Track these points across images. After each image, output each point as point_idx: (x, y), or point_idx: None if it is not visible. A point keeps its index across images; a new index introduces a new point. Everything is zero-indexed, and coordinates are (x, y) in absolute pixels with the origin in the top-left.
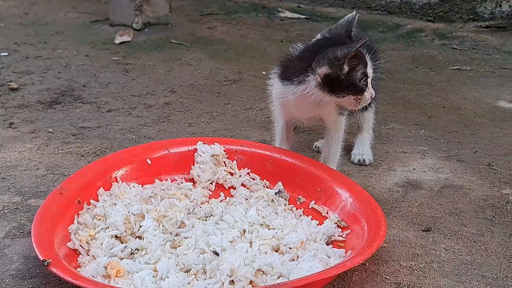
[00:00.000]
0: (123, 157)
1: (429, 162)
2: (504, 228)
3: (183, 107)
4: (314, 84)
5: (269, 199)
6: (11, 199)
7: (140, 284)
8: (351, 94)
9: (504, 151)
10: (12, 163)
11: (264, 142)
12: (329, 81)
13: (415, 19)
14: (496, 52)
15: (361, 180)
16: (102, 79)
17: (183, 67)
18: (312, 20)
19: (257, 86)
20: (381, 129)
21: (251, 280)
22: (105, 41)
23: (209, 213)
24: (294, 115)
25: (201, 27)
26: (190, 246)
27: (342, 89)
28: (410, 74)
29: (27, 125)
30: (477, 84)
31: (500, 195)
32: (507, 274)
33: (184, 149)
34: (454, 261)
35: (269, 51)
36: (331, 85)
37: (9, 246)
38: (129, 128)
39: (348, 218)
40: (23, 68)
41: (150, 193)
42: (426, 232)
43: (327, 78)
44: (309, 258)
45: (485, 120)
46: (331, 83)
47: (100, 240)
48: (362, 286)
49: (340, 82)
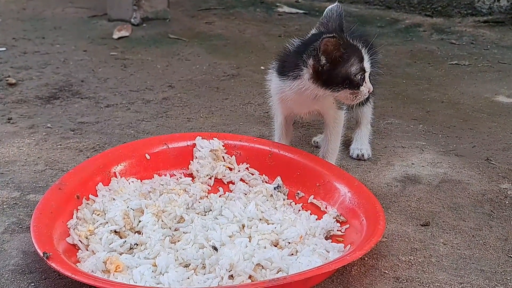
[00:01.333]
0: (122, 152)
1: (427, 157)
2: (502, 222)
3: (181, 102)
4: (308, 77)
5: (268, 194)
6: (10, 194)
7: (139, 279)
8: (347, 88)
9: (502, 145)
10: (10, 158)
11: (263, 137)
12: (318, 73)
13: (413, 13)
14: (495, 47)
15: (360, 175)
16: (101, 74)
17: (181, 62)
18: (310, 15)
19: (256, 81)
20: (379, 124)
21: (250, 275)
22: (103, 36)
23: (208, 208)
24: (293, 110)
25: (199, 22)
26: (189, 241)
27: (336, 83)
28: (408, 69)
29: (26, 120)
30: (475, 79)
31: (498, 189)
32: (506, 268)
33: (183, 144)
34: (453, 256)
35: (267, 46)
36: (322, 78)
37: (8, 241)
38: (128, 123)
39: (347, 213)
40: (21, 64)
41: (149, 188)
42: (424, 226)
43: (315, 70)
44: (308, 253)
45: (483, 115)
46: (321, 76)
47: (99, 235)
48: (361, 280)
49: (331, 76)
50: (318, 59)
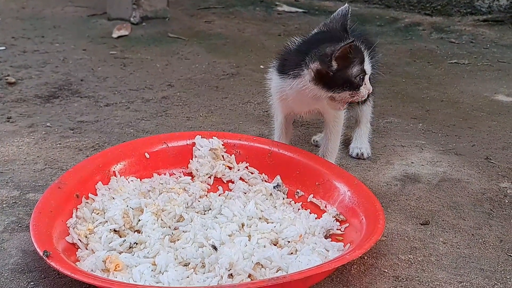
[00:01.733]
0: (121, 151)
1: (427, 156)
2: (502, 221)
3: (181, 101)
4: (308, 78)
5: (267, 193)
6: (9, 193)
7: (139, 278)
8: (347, 90)
9: (502, 144)
10: (10, 157)
11: (262, 136)
12: (322, 76)
13: (412, 12)
14: (494, 46)
15: (359, 173)
16: (100, 73)
17: (180, 61)
18: (310, 14)
19: (255, 80)
20: (379, 123)
21: (250, 274)
22: (103, 35)
23: (208, 207)
24: (293, 109)
25: (199, 21)
26: (189, 240)
27: (337, 85)
28: (408, 68)
29: (25, 119)
30: (475, 78)
31: (498, 188)
32: (505, 267)
33: (182, 143)
34: (452, 255)
35: (267, 45)
36: (325, 81)
37: (8, 240)
38: (127, 122)
39: (347, 212)
40: (20, 62)
41: (149, 187)
42: (424, 225)
43: (320, 73)
44: (308, 252)
45: (482, 114)
46: (325, 79)
47: (99, 234)
48: (361, 279)
49: (334, 78)
50: (328, 64)
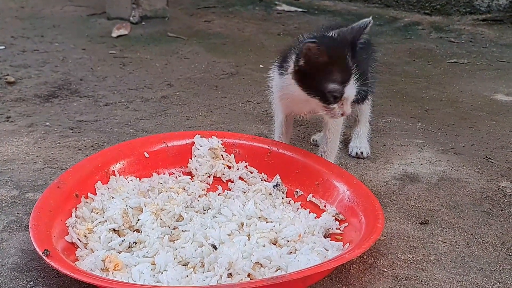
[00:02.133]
0: (120, 150)
1: (426, 155)
2: (501, 220)
3: (180, 101)
4: (290, 71)
5: (267, 193)
6: (8, 193)
7: (138, 277)
8: (318, 99)
9: (501, 144)
10: (9, 157)
11: (261, 135)
12: (299, 73)
13: (412, 12)
14: (493, 45)
15: (359, 173)
16: (99, 72)
17: (180, 61)
18: (309, 13)
19: (255, 79)
20: (378, 122)
21: (249, 273)
22: (102, 34)
23: (207, 207)
24: (293, 109)
25: (198, 20)
26: (188, 239)
27: (310, 88)
28: (407, 67)
29: (24, 119)
30: (474, 77)
31: (497, 188)
32: (504, 266)
33: (181, 142)
34: (452, 254)
35: (266, 45)
36: (301, 79)
37: (7, 240)
38: (127, 122)
39: (346, 211)
40: (20, 62)
41: (148, 186)
42: (423, 225)
43: (297, 70)
44: (307, 251)
45: (482, 113)
46: (301, 76)
47: (98, 234)
48: (360, 279)
49: (309, 80)
50: (298, 59)
